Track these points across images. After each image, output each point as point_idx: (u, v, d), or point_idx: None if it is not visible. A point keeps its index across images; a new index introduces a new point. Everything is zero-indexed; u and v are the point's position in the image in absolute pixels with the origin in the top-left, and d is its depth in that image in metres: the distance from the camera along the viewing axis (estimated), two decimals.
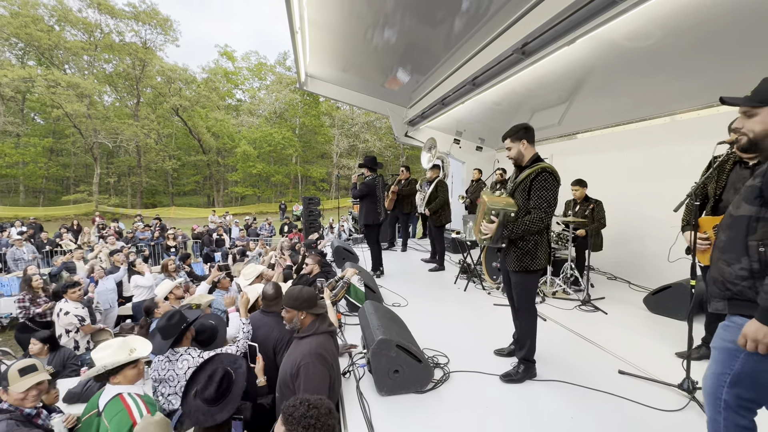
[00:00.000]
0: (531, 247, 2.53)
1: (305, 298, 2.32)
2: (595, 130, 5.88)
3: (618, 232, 5.13)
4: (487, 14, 4.27)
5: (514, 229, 2.48)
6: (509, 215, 2.48)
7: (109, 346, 2.17)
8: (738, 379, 1.46)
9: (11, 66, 25.33)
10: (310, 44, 6.23)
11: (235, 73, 38.90)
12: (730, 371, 1.47)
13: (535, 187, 2.44)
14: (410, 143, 9.34)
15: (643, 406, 2.31)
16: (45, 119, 29.91)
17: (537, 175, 2.45)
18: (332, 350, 2.30)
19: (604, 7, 2.99)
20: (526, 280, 2.61)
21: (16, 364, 2.35)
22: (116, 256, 6.62)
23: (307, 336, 2.25)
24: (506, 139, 2.65)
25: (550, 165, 2.49)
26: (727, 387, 1.47)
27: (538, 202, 2.43)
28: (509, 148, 2.64)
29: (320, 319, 2.34)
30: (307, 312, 2.30)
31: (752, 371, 1.43)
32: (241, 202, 34.92)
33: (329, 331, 2.35)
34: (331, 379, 2.15)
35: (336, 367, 2.25)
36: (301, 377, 2.04)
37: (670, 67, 3.84)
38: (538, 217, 2.43)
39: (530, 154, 2.60)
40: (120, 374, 2.12)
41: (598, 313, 3.98)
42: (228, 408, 2.20)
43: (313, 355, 2.11)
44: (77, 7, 27.60)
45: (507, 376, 2.65)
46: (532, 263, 2.53)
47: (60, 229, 12.40)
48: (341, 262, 5.66)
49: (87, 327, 4.40)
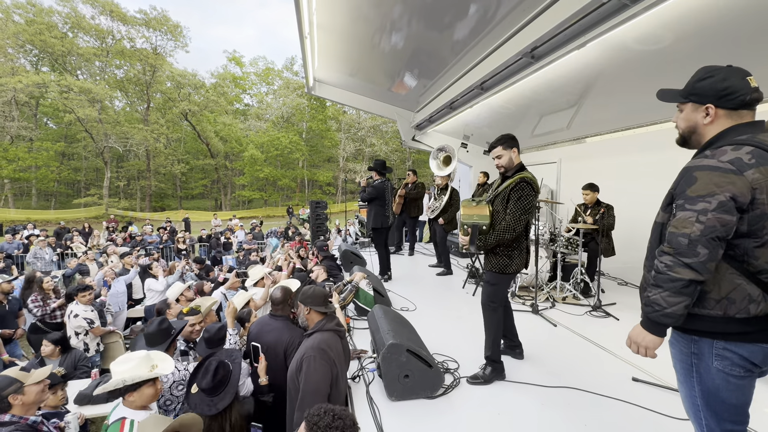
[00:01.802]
0: (509, 251, 2.60)
1: (310, 295, 2.37)
2: (605, 134, 5.84)
3: (629, 237, 5.06)
4: (495, 18, 4.28)
5: (487, 240, 2.57)
6: (480, 227, 2.58)
7: (130, 359, 2.04)
8: (707, 401, 1.38)
9: (26, 72, 25.94)
10: (318, 49, 6.28)
11: (243, 78, 39.39)
12: (695, 392, 1.41)
13: (512, 197, 2.52)
14: (417, 147, 9.35)
15: (658, 414, 2.27)
16: (57, 124, 30.56)
17: (516, 184, 2.52)
18: (337, 348, 2.29)
19: (614, 11, 2.97)
20: (499, 280, 2.66)
21: (9, 370, 2.38)
22: (127, 259, 6.69)
23: (312, 333, 2.30)
24: (496, 147, 2.67)
25: (530, 175, 2.55)
26: (704, 411, 1.40)
27: (512, 210, 2.51)
28: (499, 156, 2.66)
29: (327, 318, 2.37)
30: (312, 308, 2.34)
31: (712, 388, 1.36)
32: (248, 205, 35.18)
33: (335, 329, 2.36)
34: (334, 376, 2.14)
35: (340, 365, 2.24)
36: (303, 370, 2.08)
37: (682, 69, 3.77)
38: (507, 225, 2.50)
39: (517, 161, 2.66)
40: (137, 392, 1.98)
41: (609, 318, 3.93)
42: (227, 396, 2.27)
43: (316, 349, 2.14)
44: (90, 15, 28.30)
45: (474, 378, 2.66)
46: (507, 266, 2.59)
47: (71, 232, 12.57)
48: (349, 266, 5.66)
49: (97, 329, 4.44)
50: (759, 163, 1.23)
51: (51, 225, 21.31)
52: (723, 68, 1.39)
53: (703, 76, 1.41)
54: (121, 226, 15.98)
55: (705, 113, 1.40)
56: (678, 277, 1.28)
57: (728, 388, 1.33)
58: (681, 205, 1.31)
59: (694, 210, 1.27)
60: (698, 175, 1.29)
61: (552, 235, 4.83)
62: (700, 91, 1.40)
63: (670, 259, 1.31)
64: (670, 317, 1.32)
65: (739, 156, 1.25)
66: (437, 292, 5.03)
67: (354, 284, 3.79)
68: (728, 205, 1.22)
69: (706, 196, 1.25)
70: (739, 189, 1.22)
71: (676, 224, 1.31)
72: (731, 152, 1.27)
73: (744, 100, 1.33)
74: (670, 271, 1.30)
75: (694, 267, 1.25)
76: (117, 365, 2.00)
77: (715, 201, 1.23)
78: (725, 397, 1.34)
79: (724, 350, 1.32)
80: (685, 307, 1.29)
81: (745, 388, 1.35)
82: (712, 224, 1.23)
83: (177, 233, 12.48)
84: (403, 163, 36.79)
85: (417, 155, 33.72)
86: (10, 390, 2.24)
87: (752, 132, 1.32)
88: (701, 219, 1.24)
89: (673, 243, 1.30)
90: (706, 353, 1.36)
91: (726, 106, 1.36)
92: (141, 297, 6.46)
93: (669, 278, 1.30)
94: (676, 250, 1.29)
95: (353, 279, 3.88)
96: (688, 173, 1.34)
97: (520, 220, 2.49)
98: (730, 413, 1.36)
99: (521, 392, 2.55)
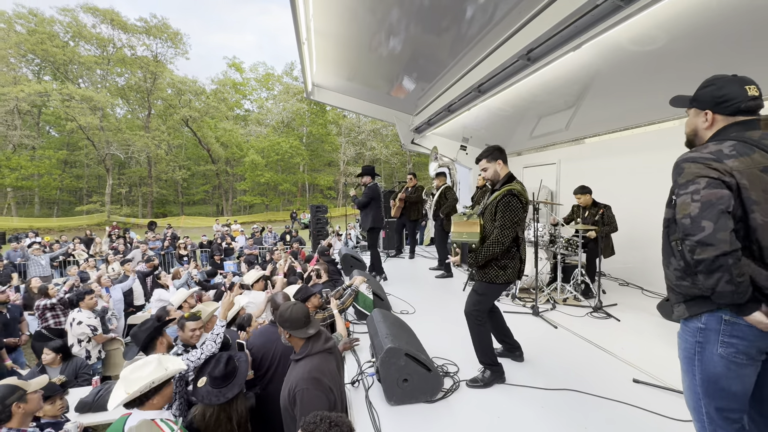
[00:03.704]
0: (502, 263, 2.58)
1: (288, 318, 2.15)
2: (603, 134, 5.84)
3: (629, 238, 5.06)
4: (492, 21, 4.30)
5: (477, 257, 2.56)
6: (470, 245, 2.59)
7: (148, 364, 2.04)
8: (707, 389, 1.43)
9: (28, 81, 26.17)
10: (316, 54, 6.31)
11: (243, 83, 39.61)
12: (696, 381, 1.46)
13: (499, 210, 2.51)
14: (417, 150, 9.37)
15: (659, 415, 2.25)
16: (59, 132, 30.76)
17: (503, 197, 2.51)
18: (330, 370, 2.12)
19: (609, 12, 2.99)
20: (488, 290, 2.64)
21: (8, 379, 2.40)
22: (127, 266, 6.70)
23: (300, 359, 2.12)
24: (481, 161, 2.68)
25: (518, 186, 2.54)
26: (703, 398, 1.45)
27: (499, 223, 2.50)
28: (485, 169, 2.67)
29: (313, 339, 2.16)
30: (292, 334, 2.14)
31: (712, 376, 1.41)
32: (249, 210, 35.24)
33: (325, 349, 2.18)
34: (331, 402, 2.02)
35: (336, 388, 2.10)
36: (298, 404, 1.95)
37: (678, 69, 3.81)
38: (495, 239, 2.50)
39: (504, 173, 2.65)
40: (159, 393, 1.99)
41: (610, 320, 3.91)
42: (236, 387, 2.37)
43: (308, 380, 1.98)
44: (91, 23, 28.59)
45: (474, 381, 2.66)
46: (498, 276, 2.57)
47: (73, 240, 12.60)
48: (349, 269, 5.66)
49: (99, 336, 4.44)
50: (740, 153, 1.36)
51: (53, 233, 21.41)
52: (726, 77, 1.51)
53: (706, 84, 1.55)
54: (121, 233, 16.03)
55: (704, 118, 1.54)
56: (700, 258, 1.32)
57: (728, 375, 1.38)
58: (677, 194, 1.43)
59: (687, 193, 1.37)
60: (685, 165, 1.43)
61: (551, 237, 4.82)
62: (701, 98, 1.55)
63: (686, 244, 1.37)
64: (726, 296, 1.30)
65: (720, 148, 1.39)
66: (437, 295, 5.02)
67: (354, 288, 3.78)
68: (716, 183, 1.33)
69: (694, 179, 1.37)
70: (720, 173, 1.34)
71: (677, 210, 1.40)
72: (713, 146, 1.42)
73: (739, 108, 1.45)
74: (691, 254, 1.35)
75: (705, 241, 1.30)
76: (135, 372, 1.97)
77: (703, 181, 1.35)
78: (725, 384, 1.39)
79: (731, 337, 1.37)
80: (727, 282, 1.29)
81: (746, 376, 1.40)
82: (707, 199, 1.32)
83: (178, 239, 12.50)
84: (403, 166, 36.84)
85: (417, 158, 33.73)
86: (13, 398, 2.25)
87: (741, 130, 1.44)
88: (695, 198, 1.34)
89: (681, 227, 1.38)
90: (711, 341, 1.41)
91: (722, 112, 1.49)
92: (142, 304, 6.45)
93: (695, 262, 1.34)
94: (685, 233, 1.36)
95: (353, 283, 3.88)
96: (677, 166, 1.47)
97: (508, 233, 2.48)
98: (729, 401, 1.41)
99: (521, 395, 2.54)
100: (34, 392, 2.39)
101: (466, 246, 2.59)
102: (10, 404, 2.23)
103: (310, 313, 2.29)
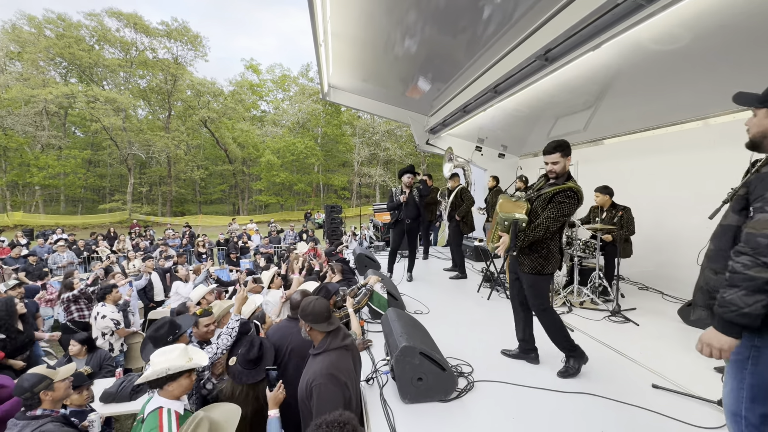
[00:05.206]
0: (544, 252, 2.66)
1: (311, 311, 2.20)
2: (623, 135, 5.72)
3: (649, 241, 4.94)
4: (509, 21, 4.27)
5: (524, 238, 2.62)
6: (520, 225, 2.61)
7: (171, 351, 2.11)
8: (754, 394, 1.40)
9: (56, 84, 27.26)
10: (333, 56, 6.39)
11: (260, 85, 40.23)
12: (743, 385, 1.43)
13: (555, 200, 2.58)
14: (431, 151, 9.34)
15: (679, 422, 2.21)
16: (84, 132, 31.89)
17: (563, 191, 2.56)
18: (347, 367, 2.17)
19: (630, 11, 2.93)
20: (539, 282, 2.73)
21: (37, 368, 2.50)
22: (149, 262, 6.90)
23: (319, 354, 2.17)
24: (554, 154, 2.64)
25: (577, 185, 2.61)
26: (746, 403, 1.42)
27: (552, 211, 2.58)
28: (556, 162, 2.65)
29: (332, 334, 2.22)
30: (313, 327, 2.20)
31: (763, 382, 1.38)
32: (264, 210, 35.75)
33: (343, 346, 2.21)
34: (347, 398, 2.06)
35: (352, 384, 2.14)
36: (314, 398, 2.00)
37: (702, 69, 3.71)
38: (541, 223, 2.58)
39: (567, 170, 2.72)
40: (176, 382, 2.05)
41: (629, 324, 3.83)
42: (262, 369, 2.54)
43: (325, 376, 2.02)
44: (115, 27, 29.58)
45: (564, 372, 2.74)
46: (545, 267, 2.67)
47: (96, 236, 13.04)
48: (363, 269, 5.70)
49: (122, 330, 4.60)
50: None
51: (78, 230, 22.16)
52: None
53: None
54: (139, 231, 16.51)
55: None
56: (756, 275, 1.30)
57: None
58: (760, 208, 1.36)
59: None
60: None
61: (568, 239, 4.75)
62: None
63: (748, 259, 1.34)
64: (747, 317, 1.33)
65: None
66: (451, 295, 5.01)
67: (368, 287, 3.81)
68: None
69: None
70: None
71: (755, 225, 1.35)
72: None
73: None
74: (747, 270, 1.33)
75: None
76: (157, 356, 2.08)
77: None
78: None
79: None
80: (764, 306, 1.30)
81: None
82: None
83: (197, 237, 12.80)
84: (418, 167, 36.78)
85: (432, 159, 33.63)
86: (41, 386, 2.36)
87: None
88: None
89: (752, 243, 1.34)
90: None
91: None
92: (162, 299, 6.63)
93: (746, 277, 1.33)
94: (755, 250, 1.32)
95: (368, 282, 3.91)
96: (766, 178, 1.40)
97: (557, 222, 2.56)
98: None
99: (536, 397, 2.52)
100: (62, 380, 2.50)
101: (516, 226, 2.60)
102: (38, 392, 2.34)
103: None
